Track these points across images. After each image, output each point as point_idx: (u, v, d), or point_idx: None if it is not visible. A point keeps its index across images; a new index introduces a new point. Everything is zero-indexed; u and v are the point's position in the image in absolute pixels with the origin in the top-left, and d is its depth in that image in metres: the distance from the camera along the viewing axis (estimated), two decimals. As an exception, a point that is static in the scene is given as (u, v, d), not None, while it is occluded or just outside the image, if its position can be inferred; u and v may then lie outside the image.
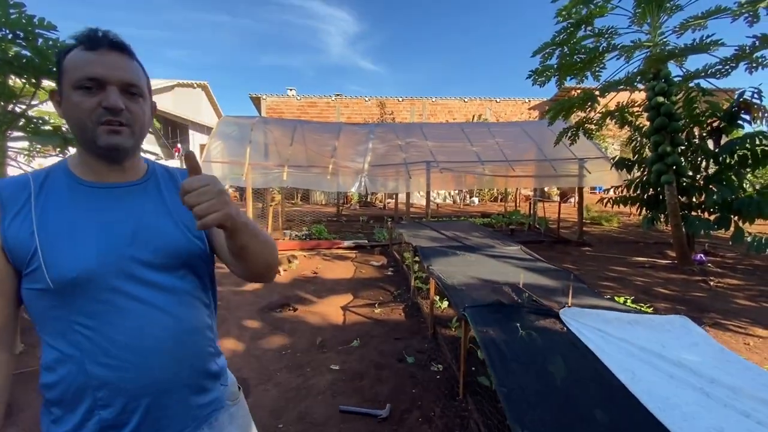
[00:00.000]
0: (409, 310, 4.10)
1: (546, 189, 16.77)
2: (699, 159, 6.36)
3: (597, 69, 6.20)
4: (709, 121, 6.14)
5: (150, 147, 16.92)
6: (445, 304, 3.96)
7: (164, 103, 17.51)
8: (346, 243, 7.12)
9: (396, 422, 2.24)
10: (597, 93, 5.99)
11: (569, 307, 2.37)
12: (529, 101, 17.70)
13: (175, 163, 15.42)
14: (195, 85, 20.88)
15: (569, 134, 6.93)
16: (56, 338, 0.76)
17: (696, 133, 6.65)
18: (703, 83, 6.03)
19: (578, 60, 5.75)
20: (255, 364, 3.02)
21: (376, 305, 4.23)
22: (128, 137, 0.80)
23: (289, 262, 5.67)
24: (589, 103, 5.99)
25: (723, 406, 1.59)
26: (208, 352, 0.89)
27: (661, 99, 5.55)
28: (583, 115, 6.85)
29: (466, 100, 17.66)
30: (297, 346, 3.32)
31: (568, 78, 6.39)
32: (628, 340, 2.05)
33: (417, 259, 4.41)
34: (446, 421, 2.21)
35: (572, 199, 15.14)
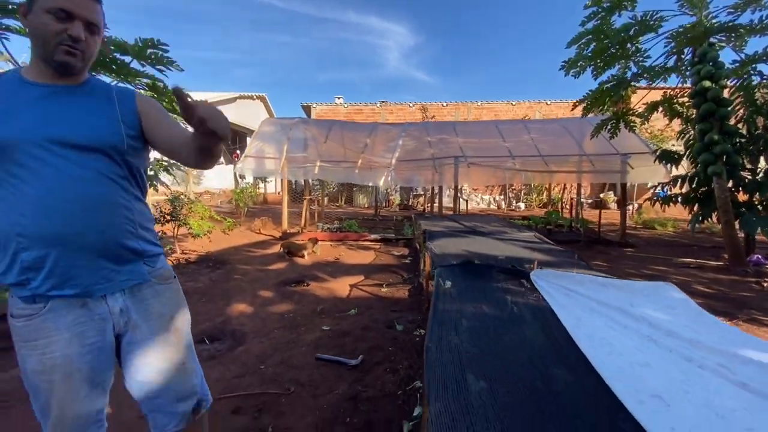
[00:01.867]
0: (414, 290, 4.18)
1: (602, 195, 15.77)
2: (765, 153, 5.70)
3: (639, 58, 5.86)
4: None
5: (212, 152, 18.58)
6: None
7: (227, 112, 19.10)
8: (373, 236, 7.31)
9: (364, 371, 2.36)
10: (633, 84, 5.65)
11: (542, 269, 2.33)
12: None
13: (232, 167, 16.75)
14: (254, 97, 22.64)
15: (608, 127, 6.57)
16: None
17: (759, 125, 5.98)
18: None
19: (610, 45, 5.48)
20: (257, 322, 3.29)
21: (384, 285, 4.35)
22: (79, 60, 1.04)
23: (313, 245, 5.98)
24: (623, 91, 5.65)
25: (667, 351, 1.55)
26: (123, 228, 1.07)
27: (707, 83, 5.10)
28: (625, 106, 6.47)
29: (513, 103, 17.22)
30: (299, 311, 3.55)
31: (607, 70, 6.09)
32: (592, 298, 2.00)
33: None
34: (410, 372, 2.28)
35: (632, 206, 14.07)
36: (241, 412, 2.00)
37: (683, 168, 6.90)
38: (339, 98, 18.19)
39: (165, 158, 4.64)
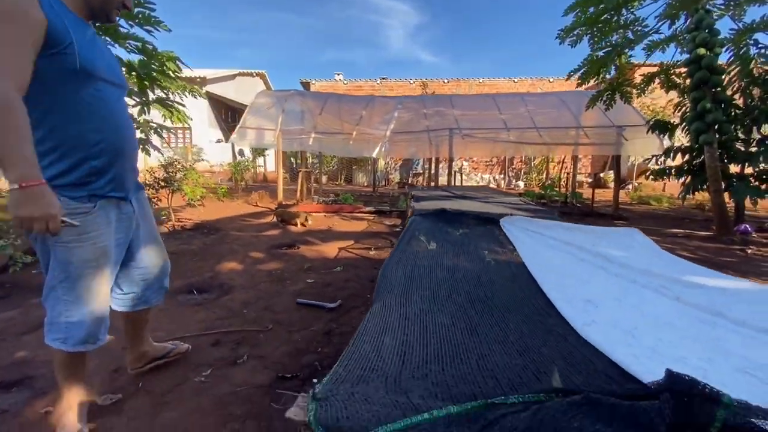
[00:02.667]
0: (401, 252, 4.26)
1: (602, 175, 15.72)
2: (758, 124, 5.66)
3: (636, 27, 5.76)
4: (771, 79, 5.44)
5: (212, 129, 18.56)
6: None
7: (226, 90, 19.04)
8: (367, 208, 7.38)
9: (341, 313, 2.46)
10: (627, 51, 5.57)
11: (512, 215, 2.40)
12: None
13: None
14: (254, 74, 22.40)
15: (604, 98, 6.53)
16: (63, 105, 1.18)
17: (756, 96, 5.92)
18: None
19: (606, 11, 5.39)
20: (246, 278, 3.40)
21: (372, 249, 4.45)
22: (116, 21, 1.46)
23: (306, 219, 6.07)
24: (617, 59, 5.59)
25: (614, 276, 1.61)
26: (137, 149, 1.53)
27: (702, 50, 5.04)
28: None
29: (515, 80, 16.97)
30: (287, 269, 3.66)
31: (605, 39, 5.99)
32: (556, 238, 2.07)
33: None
34: (385, 313, 2.39)
35: (630, 185, 14.04)
36: (220, 344, 2.12)
37: (682, 141, 6.88)
38: (338, 74, 17.98)
39: (154, 120, 4.70)
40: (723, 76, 5.27)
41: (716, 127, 5.09)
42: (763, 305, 1.33)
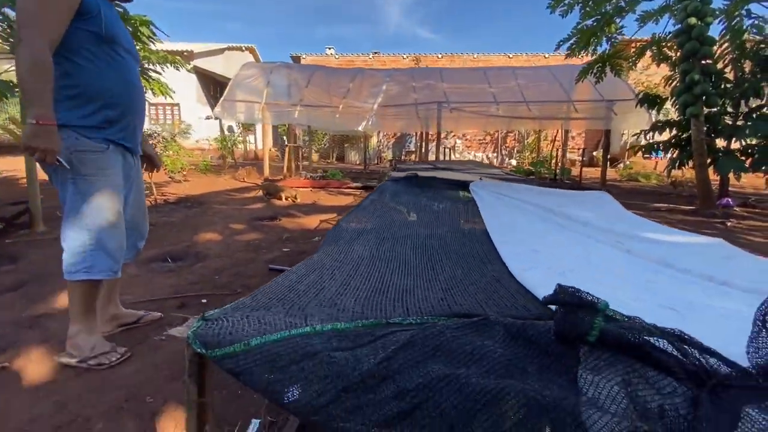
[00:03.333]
0: (382, 223, 4.25)
1: (594, 153, 15.68)
2: (746, 98, 5.60)
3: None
4: (762, 53, 5.36)
5: (200, 106, 18.16)
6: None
7: (215, 65, 18.52)
8: (355, 184, 7.33)
9: (311, 278, 2.46)
10: (617, 21, 5.43)
11: (482, 180, 2.38)
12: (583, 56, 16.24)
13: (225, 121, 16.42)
14: (243, 48, 21.78)
15: (594, 71, 6.41)
16: (89, 62, 1.42)
17: (747, 70, 5.84)
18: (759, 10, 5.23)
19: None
20: (222, 247, 3.38)
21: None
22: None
23: (295, 197, 6.04)
24: (605, 28, 5.46)
25: (571, 231, 1.60)
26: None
27: (693, 20, 4.93)
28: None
29: (510, 56, 16.65)
30: (265, 239, 3.64)
31: (597, 9, 5.83)
32: (522, 200, 2.05)
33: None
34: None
35: (621, 164, 14.02)
36: (186, 307, 2.11)
37: (672, 116, 6.82)
38: (330, 49, 17.52)
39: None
40: (714, 48, 5.17)
41: (704, 99, 5.03)
42: (713, 255, 1.32)
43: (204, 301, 2.19)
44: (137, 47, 4.37)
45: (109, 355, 1.55)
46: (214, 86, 18.73)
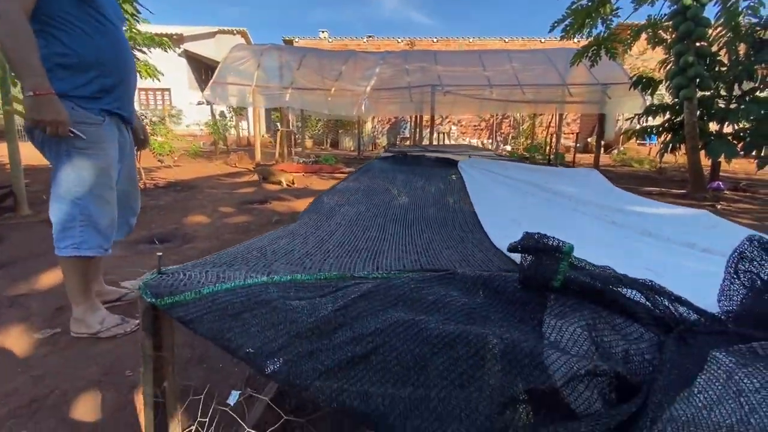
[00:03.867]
0: (373, 206, 4.23)
1: (589, 140, 15.68)
2: (740, 81, 5.57)
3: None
4: (756, 34, 5.32)
5: (192, 91, 17.82)
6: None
7: (206, 49, 18.12)
8: (348, 169, 7.27)
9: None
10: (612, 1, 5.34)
11: (471, 158, 2.35)
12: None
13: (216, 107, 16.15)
14: (235, 32, 21.32)
15: (589, 54, 6.34)
16: (77, 28, 1.36)
17: (741, 53, 5.79)
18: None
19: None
20: (211, 229, 3.35)
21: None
22: None
23: (292, 182, 5.98)
24: (600, 8, 5.38)
25: (556, 204, 1.58)
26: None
27: (688, 0, 4.86)
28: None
29: (506, 40, 16.44)
30: (255, 222, 3.60)
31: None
32: (510, 176, 2.03)
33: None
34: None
35: (615, 150, 14.02)
36: (171, 285, 2.09)
37: (666, 100, 6.78)
38: (323, 32, 17.20)
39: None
40: (709, 31, 5.12)
41: (698, 82, 5.00)
42: (697, 225, 1.31)
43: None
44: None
45: (123, 326, 1.57)
46: (205, 71, 18.34)
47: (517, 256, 0.88)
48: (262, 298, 0.48)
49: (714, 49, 5.59)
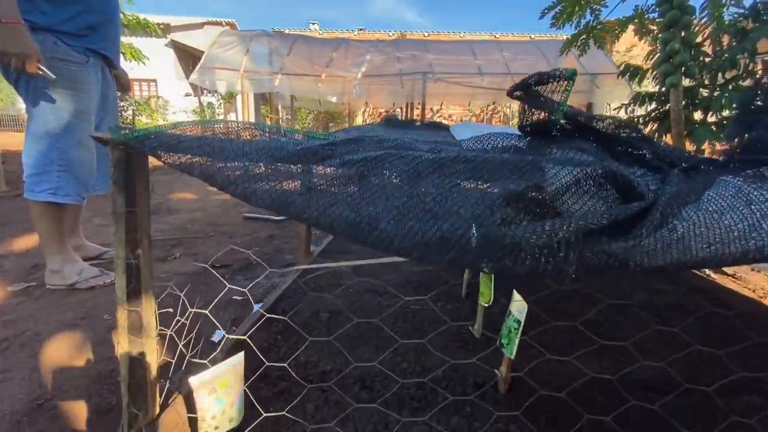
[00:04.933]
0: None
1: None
2: (725, 70, 5.67)
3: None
4: (739, 24, 5.41)
5: (179, 82, 17.50)
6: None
7: (194, 40, 17.80)
8: (338, 155, 7.21)
9: (288, 224, 2.40)
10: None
11: (462, 121, 2.34)
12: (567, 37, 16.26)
13: (204, 98, 15.87)
14: (224, 24, 21.00)
15: (578, 43, 6.39)
16: None
17: (725, 43, 5.90)
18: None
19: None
20: (197, 203, 3.28)
21: (336, 184, 4.35)
22: None
23: None
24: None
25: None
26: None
27: (676, -12, 4.92)
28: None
29: (497, 36, 16.52)
30: (242, 198, 3.54)
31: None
32: (499, 133, 2.01)
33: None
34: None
35: (603, 145, 14.23)
36: (154, 247, 2.02)
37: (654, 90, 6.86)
38: (314, 24, 17.07)
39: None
40: (693, 21, 5.19)
41: (683, 70, 5.07)
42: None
43: (173, 245, 2.10)
44: None
45: (102, 278, 1.49)
46: (193, 62, 17.97)
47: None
48: (241, 134, 0.45)
49: (699, 39, 5.68)
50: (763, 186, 0.38)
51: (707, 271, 2.05)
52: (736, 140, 0.47)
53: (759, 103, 0.45)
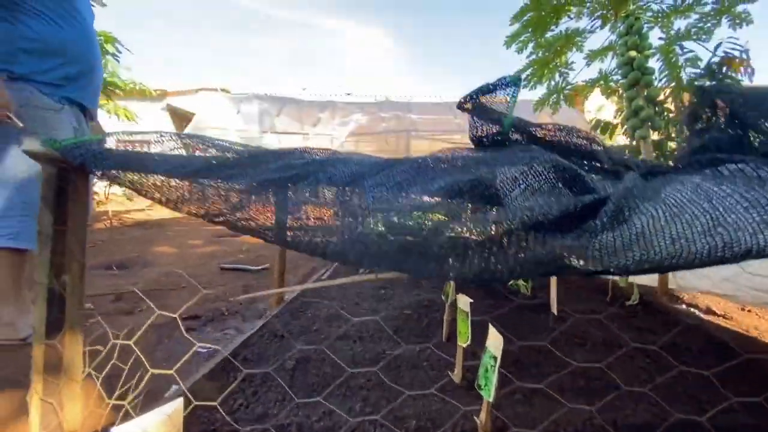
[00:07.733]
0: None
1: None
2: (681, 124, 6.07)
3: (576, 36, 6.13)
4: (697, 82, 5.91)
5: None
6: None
7: (188, 104, 18.60)
8: (326, 209, 7.27)
9: (266, 274, 2.31)
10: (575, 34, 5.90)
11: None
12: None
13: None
14: (218, 89, 22.21)
15: (550, 102, 6.85)
16: (44, 15, 1.34)
17: (685, 100, 6.40)
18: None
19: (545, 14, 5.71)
20: (175, 257, 3.17)
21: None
22: None
23: None
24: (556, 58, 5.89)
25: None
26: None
27: (633, 53, 5.41)
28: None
29: (476, 99, 17.67)
30: (223, 251, 3.45)
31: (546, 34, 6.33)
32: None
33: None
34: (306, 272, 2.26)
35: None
36: (122, 300, 1.92)
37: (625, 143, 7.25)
38: (304, 89, 18.09)
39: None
40: (654, 81, 5.66)
41: (650, 124, 5.41)
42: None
43: (141, 299, 1.99)
44: (104, 73, 4.37)
45: None
46: (187, 124, 18.71)
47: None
48: (178, 154, 0.42)
49: (662, 97, 6.15)
50: (722, 182, 0.36)
51: (697, 311, 2.01)
52: (691, 144, 0.47)
53: (701, 114, 0.46)
